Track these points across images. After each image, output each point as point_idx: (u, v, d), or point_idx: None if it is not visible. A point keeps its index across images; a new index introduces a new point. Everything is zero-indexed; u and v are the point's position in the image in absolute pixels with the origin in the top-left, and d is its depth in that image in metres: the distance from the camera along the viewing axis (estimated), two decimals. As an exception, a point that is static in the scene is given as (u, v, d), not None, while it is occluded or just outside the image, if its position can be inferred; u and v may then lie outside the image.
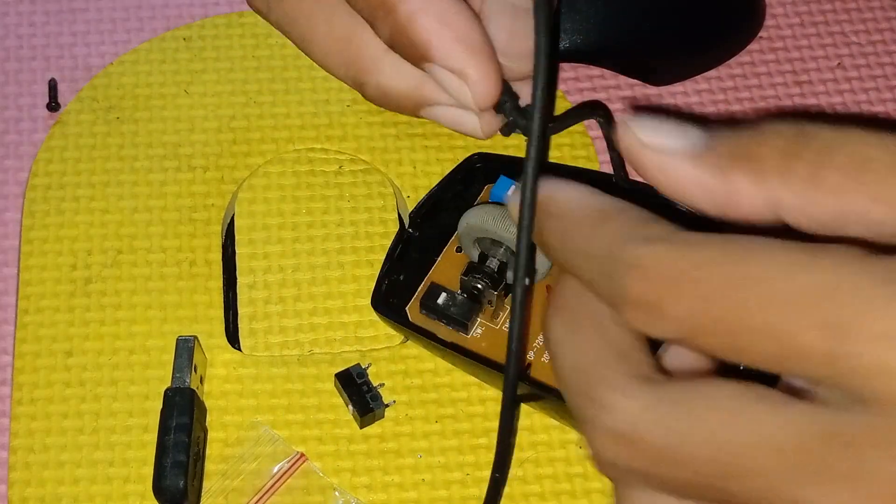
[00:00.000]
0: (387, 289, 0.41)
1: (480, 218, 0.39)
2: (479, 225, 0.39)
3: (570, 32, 0.46)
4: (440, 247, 0.41)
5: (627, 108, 0.47)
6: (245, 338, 0.42)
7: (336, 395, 0.40)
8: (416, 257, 0.41)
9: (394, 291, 0.41)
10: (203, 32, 0.48)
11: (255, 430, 0.40)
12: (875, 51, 0.49)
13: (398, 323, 0.40)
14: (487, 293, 0.39)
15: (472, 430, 0.40)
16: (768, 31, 0.49)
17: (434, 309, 0.40)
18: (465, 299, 0.39)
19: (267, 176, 0.45)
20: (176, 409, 0.38)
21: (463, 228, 0.39)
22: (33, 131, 0.46)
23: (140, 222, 0.44)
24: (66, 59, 0.47)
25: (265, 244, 0.43)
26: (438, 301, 0.40)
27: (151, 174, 0.45)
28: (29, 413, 0.40)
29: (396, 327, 0.41)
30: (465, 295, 0.40)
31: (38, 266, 0.43)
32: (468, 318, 0.39)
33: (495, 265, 0.39)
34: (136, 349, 0.41)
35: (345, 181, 0.45)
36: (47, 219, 0.44)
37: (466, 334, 0.40)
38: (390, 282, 0.41)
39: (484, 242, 0.39)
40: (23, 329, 0.41)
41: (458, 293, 0.40)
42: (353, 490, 0.39)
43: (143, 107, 0.46)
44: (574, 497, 0.39)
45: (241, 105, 0.46)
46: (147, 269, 0.43)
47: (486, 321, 0.40)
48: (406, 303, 0.41)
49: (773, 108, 0.47)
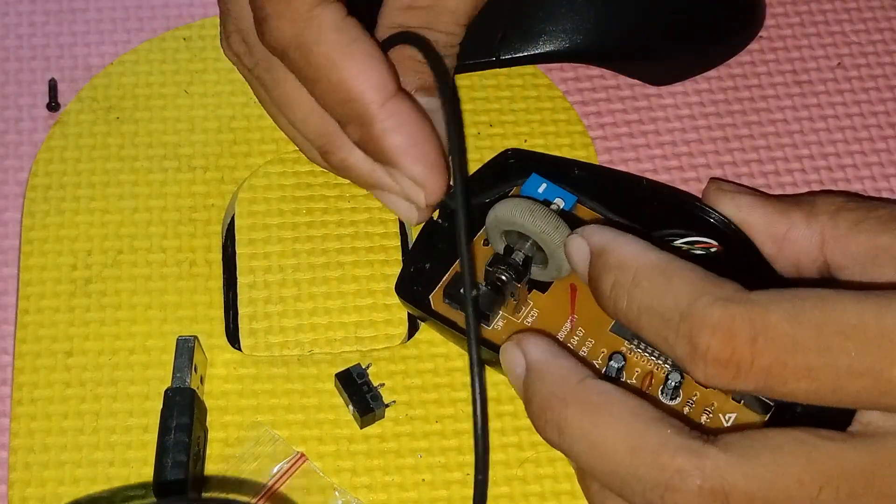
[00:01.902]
0: (412, 276, 0.41)
1: (509, 211, 0.39)
2: (507, 218, 0.39)
3: (570, 32, 0.46)
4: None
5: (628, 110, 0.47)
6: (245, 338, 0.42)
7: (336, 395, 0.40)
8: (443, 248, 0.41)
9: (419, 279, 0.41)
10: (203, 32, 0.48)
11: (255, 430, 0.40)
12: (875, 51, 0.49)
13: (420, 310, 0.40)
14: (511, 286, 0.39)
15: (472, 430, 0.40)
16: (768, 31, 0.49)
17: (457, 298, 0.40)
18: (489, 291, 0.39)
19: (267, 176, 0.45)
20: (176, 409, 0.38)
21: (491, 220, 0.39)
22: (33, 131, 0.46)
23: (140, 222, 0.44)
24: (66, 59, 0.47)
25: (265, 244, 0.43)
26: (462, 291, 0.39)
27: (151, 174, 0.45)
28: (29, 413, 0.40)
29: (418, 314, 0.41)
30: (489, 286, 0.39)
31: (38, 266, 0.43)
32: (490, 309, 0.39)
33: (520, 258, 0.39)
34: (136, 349, 0.41)
35: (345, 181, 0.45)
36: (47, 219, 0.44)
37: (488, 325, 0.39)
38: (416, 269, 0.41)
39: (511, 236, 0.39)
40: (23, 329, 0.41)
41: (481, 284, 0.39)
42: (353, 490, 0.39)
43: (143, 107, 0.46)
44: (574, 497, 0.39)
45: (241, 105, 0.46)
46: (147, 269, 0.43)
47: (508, 314, 0.40)
48: (430, 291, 0.40)
49: (774, 108, 0.47)
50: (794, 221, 0.38)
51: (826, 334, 0.31)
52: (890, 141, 0.46)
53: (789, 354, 0.31)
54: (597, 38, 0.46)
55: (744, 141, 0.46)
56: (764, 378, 0.31)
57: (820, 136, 0.46)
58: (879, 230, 0.36)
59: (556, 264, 0.39)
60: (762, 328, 0.31)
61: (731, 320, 0.31)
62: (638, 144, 0.46)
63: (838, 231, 0.37)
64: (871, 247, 0.36)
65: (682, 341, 0.32)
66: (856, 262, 0.36)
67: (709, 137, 0.46)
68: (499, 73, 0.47)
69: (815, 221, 0.37)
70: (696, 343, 0.32)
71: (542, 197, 0.41)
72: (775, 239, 0.38)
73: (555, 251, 0.38)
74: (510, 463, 0.39)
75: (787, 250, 0.38)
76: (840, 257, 0.37)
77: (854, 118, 0.47)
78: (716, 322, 0.31)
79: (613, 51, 0.47)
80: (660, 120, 0.47)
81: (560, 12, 0.46)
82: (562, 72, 0.48)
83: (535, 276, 0.40)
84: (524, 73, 0.47)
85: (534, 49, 0.46)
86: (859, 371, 0.30)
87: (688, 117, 0.47)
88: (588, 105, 0.47)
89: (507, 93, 0.47)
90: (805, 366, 0.31)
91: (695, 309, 0.32)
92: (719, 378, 0.31)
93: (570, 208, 0.41)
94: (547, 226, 0.38)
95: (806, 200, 0.38)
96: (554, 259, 0.39)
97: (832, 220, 0.37)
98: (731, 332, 0.31)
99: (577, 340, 0.39)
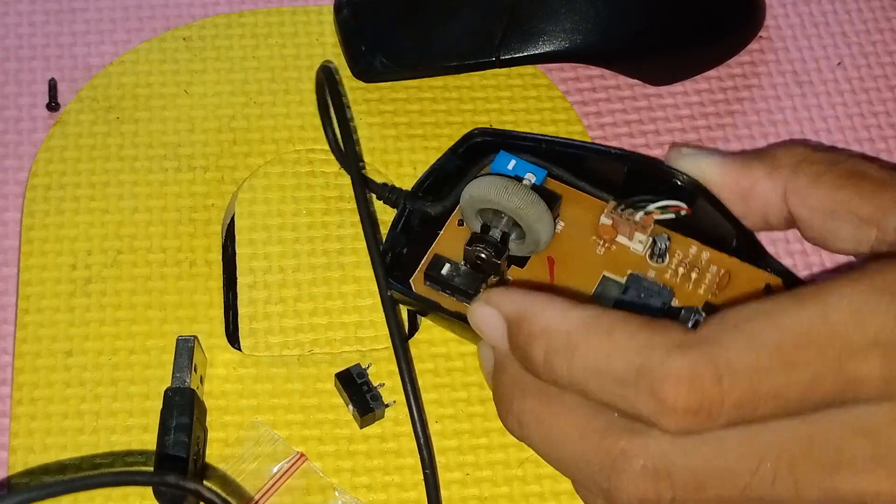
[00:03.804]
0: (391, 262, 0.41)
1: (483, 189, 0.39)
2: (482, 196, 0.39)
3: (570, 32, 0.46)
4: (443, 220, 0.41)
5: (628, 110, 0.47)
6: (245, 338, 0.42)
7: (336, 395, 0.40)
8: (418, 231, 0.41)
9: (398, 265, 0.41)
10: (203, 32, 0.48)
11: (255, 430, 0.40)
12: (875, 51, 0.49)
13: (402, 294, 0.40)
14: (491, 263, 0.39)
15: (472, 430, 0.40)
16: (768, 30, 0.49)
17: (438, 280, 0.40)
18: (470, 270, 0.39)
19: (267, 176, 0.45)
20: (176, 409, 0.38)
21: (465, 200, 0.39)
22: (33, 131, 0.46)
23: (140, 222, 0.44)
24: (66, 58, 0.47)
25: (265, 244, 0.43)
26: (442, 272, 0.39)
27: (151, 174, 0.45)
28: (29, 413, 0.40)
29: (404, 300, 0.41)
30: (469, 265, 0.39)
31: (38, 266, 0.43)
32: (473, 287, 0.39)
33: (498, 235, 0.39)
34: (136, 349, 0.41)
35: (345, 182, 0.45)
36: (47, 219, 0.44)
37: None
38: (394, 255, 0.41)
39: (486, 214, 0.39)
40: (23, 329, 0.41)
41: (461, 264, 0.40)
42: (353, 490, 0.39)
43: (143, 107, 0.46)
44: (574, 497, 0.39)
45: (241, 105, 0.46)
46: (147, 269, 0.43)
47: None
48: (410, 275, 0.40)
49: (774, 108, 0.47)
50: (756, 177, 0.38)
51: (785, 351, 0.30)
52: (890, 141, 0.46)
53: (757, 383, 0.30)
54: (596, 38, 0.46)
55: (744, 141, 0.46)
56: (737, 412, 0.31)
57: (820, 136, 0.46)
58: (838, 185, 0.36)
59: (534, 238, 0.39)
60: (725, 366, 0.30)
61: (693, 367, 0.31)
62: (638, 145, 0.46)
63: (799, 184, 0.37)
64: (829, 201, 0.36)
65: (645, 398, 0.31)
66: (815, 216, 0.37)
67: (709, 137, 0.46)
68: (499, 73, 0.47)
69: (777, 175, 0.37)
70: (662, 398, 0.31)
71: (512, 173, 0.41)
72: (741, 195, 0.38)
73: (532, 225, 0.39)
74: (510, 463, 0.39)
75: (753, 205, 0.38)
76: (801, 210, 0.37)
77: (854, 118, 0.47)
78: (677, 373, 0.31)
79: (613, 51, 0.47)
80: (660, 120, 0.47)
81: (560, 12, 0.46)
82: (562, 72, 0.48)
83: (513, 252, 0.40)
84: (524, 73, 0.47)
85: (534, 49, 0.46)
86: (822, 376, 0.30)
87: (688, 117, 0.47)
88: (588, 105, 0.47)
89: (507, 93, 0.47)
90: (773, 388, 0.30)
91: (651, 363, 0.31)
92: (693, 425, 0.31)
93: (541, 182, 0.41)
94: (522, 201, 0.38)
95: (768, 154, 0.38)
96: (531, 233, 0.39)
97: (793, 173, 0.37)
98: (695, 380, 0.30)
99: None
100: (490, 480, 0.39)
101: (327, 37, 0.48)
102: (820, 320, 0.30)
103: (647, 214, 0.39)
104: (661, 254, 0.40)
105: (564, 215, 0.41)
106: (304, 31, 0.48)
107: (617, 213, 0.40)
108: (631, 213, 0.40)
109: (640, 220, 0.39)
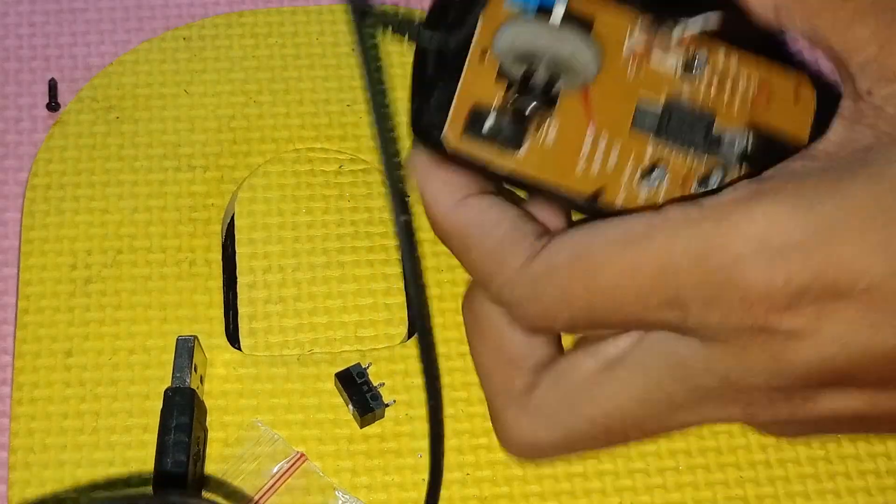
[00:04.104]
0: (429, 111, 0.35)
1: (529, 38, 0.35)
2: (528, 46, 0.35)
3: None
4: (462, 58, 0.36)
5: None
6: (245, 338, 0.42)
7: (336, 394, 0.40)
8: (435, 73, 0.35)
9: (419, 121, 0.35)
10: (203, 32, 0.48)
11: (255, 430, 0.40)
12: (875, 50, 0.49)
13: (438, 152, 0.35)
14: (537, 109, 0.35)
15: (472, 430, 0.40)
16: (768, 30, 0.49)
17: (481, 134, 0.35)
18: (512, 118, 0.35)
19: (267, 176, 0.45)
20: (176, 409, 0.38)
21: (505, 48, 0.35)
22: (33, 131, 0.46)
23: (140, 222, 0.44)
24: (66, 59, 0.47)
25: (265, 244, 0.43)
26: (486, 125, 0.35)
27: (151, 174, 0.45)
28: (29, 413, 0.40)
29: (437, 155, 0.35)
30: (513, 113, 0.35)
31: (38, 266, 0.43)
32: (517, 138, 0.35)
33: (544, 80, 0.35)
34: (136, 349, 0.41)
35: (345, 181, 0.45)
36: (47, 219, 0.44)
37: (518, 155, 0.35)
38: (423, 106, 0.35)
39: (528, 58, 0.35)
40: (23, 329, 0.41)
41: (502, 112, 0.35)
42: (353, 490, 0.39)
43: (143, 107, 0.46)
44: (574, 497, 0.39)
45: (241, 105, 0.46)
46: (147, 269, 0.43)
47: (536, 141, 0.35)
48: (439, 130, 0.35)
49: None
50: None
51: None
52: None
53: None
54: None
55: (744, 140, 0.46)
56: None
57: (820, 136, 0.46)
58: (819, 9, 0.34)
59: (579, 79, 0.36)
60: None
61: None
62: None
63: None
64: (808, 26, 0.34)
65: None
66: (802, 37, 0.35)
67: None
68: (499, 72, 0.47)
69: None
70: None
71: (535, 3, 0.36)
72: None
73: (583, 68, 0.35)
74: (510, 462, 0.39)
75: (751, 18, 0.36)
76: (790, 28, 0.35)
77: (854, 118, 0.47)
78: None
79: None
80: None
81: None
82: (562, 71, 0.48)
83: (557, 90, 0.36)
84: (524, 73, 0.47)
85: (534, 48, 0.45)
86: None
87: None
88: (588, 105, 0.47)
89: (507, 92, 0.47)
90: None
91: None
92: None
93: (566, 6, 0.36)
94: (575, 47, 0.35)
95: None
96: (578, 76, 0.36)
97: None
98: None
99: (604, 145, 0.36)
100: (490, 480, 0.39)
101: (327, 37, 0.48)
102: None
103: (685, 29, 0.36)
104: (698, 67, 0.37)
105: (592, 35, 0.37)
106: (304, 31, 0.48)
107: (651, 32, 0.37)
108: (668, 28, 0.36)
109: (680, 35, 0.37)
